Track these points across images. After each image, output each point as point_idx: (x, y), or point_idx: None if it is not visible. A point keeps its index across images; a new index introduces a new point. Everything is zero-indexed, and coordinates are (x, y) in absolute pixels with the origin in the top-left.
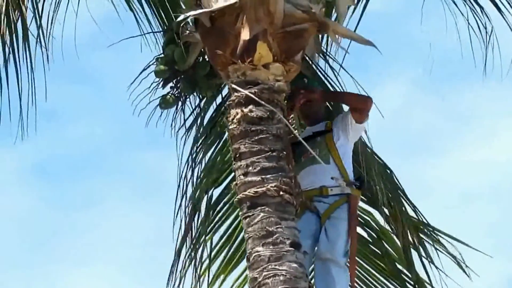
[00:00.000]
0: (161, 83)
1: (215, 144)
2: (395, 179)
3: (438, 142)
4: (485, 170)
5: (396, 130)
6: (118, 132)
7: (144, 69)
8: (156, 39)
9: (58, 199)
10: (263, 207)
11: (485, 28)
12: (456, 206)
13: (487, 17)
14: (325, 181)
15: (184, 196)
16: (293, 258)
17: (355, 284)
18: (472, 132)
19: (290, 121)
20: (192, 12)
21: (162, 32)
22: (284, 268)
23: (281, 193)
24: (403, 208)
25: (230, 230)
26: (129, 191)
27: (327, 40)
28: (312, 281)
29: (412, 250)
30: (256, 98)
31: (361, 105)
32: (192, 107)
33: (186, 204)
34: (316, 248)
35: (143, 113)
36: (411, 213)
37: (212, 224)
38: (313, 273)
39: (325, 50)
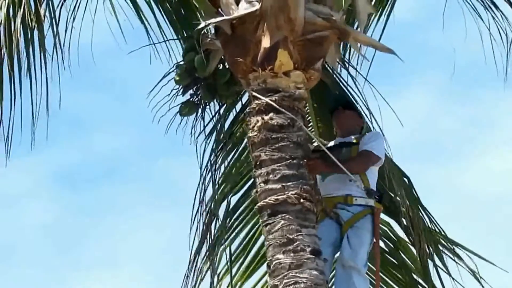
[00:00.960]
0: (181, 90)
1: (233, 151)
2: (413, 189)
3: (462, 149)
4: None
5: (419, 138)
6: (140, 140)
7: (164, 76)
8: (176, 46)
9: (83, 205)
10: (283, 215)
11: (506, 35)
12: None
13: (508, 23)
14: (350, 190)
15: (202, 203)
16: (314, 266)
17: None
18: (496, 139)
19: (310, 129)
20: (213, 20)
21: (182, 40)
22: (304, 276)
23: (301, 200)
24: (421, 219)
25: (248, 238)
26: (151, 197)
27: (349, 49)
28: None
29: (429, 261)
30: (277, 106)
31: (362, 169)
32: (211, 114)
33: (203, 211)
34: (337, 255)
35: (164, 121)
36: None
37: (229, 232)
38: (333, 280)
39: (346, 59)
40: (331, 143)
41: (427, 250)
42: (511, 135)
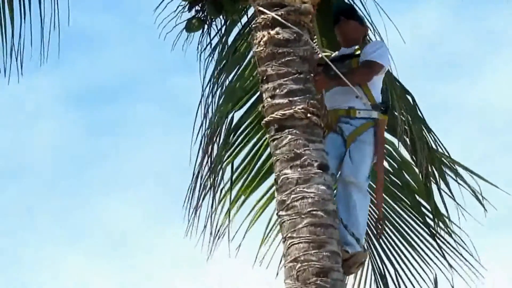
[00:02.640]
0: (187, 6)
1: (237, 67)
2: (417, 107)
3: (474, 66)
4: None
5: (429, 55)
6: (149, 57)
7: None
8: None
9: (92, 125)
10: (290, 129)
11: None
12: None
13: None
14: (353, 102)
15: (205, 119)
16: (321, 180)
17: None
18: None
19: (315, 43)
20: None
21: None
22: (312, 191)
23: (308, 115)
24: (424, 138)
25: (251, 153)
26: (160, 115)
27: None
28: None
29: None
30: (283, 20)
31: (365, 80)
32: (216, 30)
33: (207, 127)
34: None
35: (172, 37)
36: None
37: (232, 148)
38: None
39: None
40: (334, 54)
41: (430, 170)
42: None
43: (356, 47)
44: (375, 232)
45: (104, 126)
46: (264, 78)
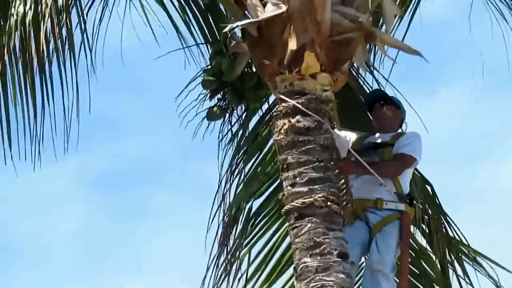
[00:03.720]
0: (209, 94)
1: (256, 155)
2: (436, 196)
3: (493, 152)
4: None
5: (452, 139)
6: (171, 142)
7: (191, 81)
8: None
9: (116, 210)
10: (310, 218)
11: None
12: None
13: None
14: (380, 193)
15: (223, 206)
16: (341, 269)
17: None
18: None
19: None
20: (240, 23)
21: (209, 43)
22: (331, 279)
23: (328, 203)
24: (442, 227)
25: (271, 242)
26: (181, 200)
27: (375, 51)
28: None
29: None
30: (304, 109)
31: (395, 174)
32: (237, 117)
33: (225, 215)
34: (366, 258)
35: (193, 125)
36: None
37: (250, 236)
38: (360, 281)
39: (371, 61)
40: (368, 140)
41: (448, 258)
42: None
43: (392, 134)
44: None
45: (125, 211)
46: (285, 166)
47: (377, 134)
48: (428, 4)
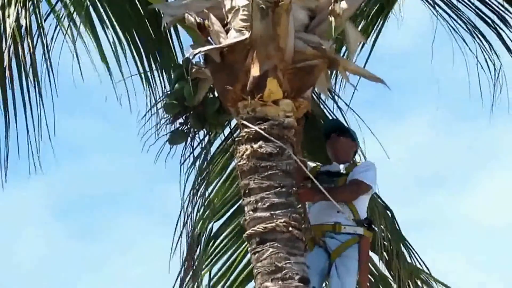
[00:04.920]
0: (171, 119)
1: (218, 178)
2: (396, 223)
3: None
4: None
5: (411, 166)
6: (134, 166)
7: (152, 106)
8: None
9: (77, 232)
10: (272, 243)
11: (494, 65)
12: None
13: (496, 54)
14: (338, 217)
15: (185, 228)
16: None
17: None
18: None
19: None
20: (202, 48)
21: (172, 68)
22: None
23: (290, 228)
24: (402, 253)
25: (229, 263)
26: (144, 222)
27: (336, 79)
28: None
29: None
30: (266, 134)
31: (351, 198)
32: (198, 141)
33: (187, 236)
34: (325, 284)
35: (156, 148)
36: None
37: (211, 257)
38: None
39: (333, 89)
40: (323, 169)
41: (407, 285)
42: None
43: (346, 165)
44: None
45: (88, 233)
46: (247, 191)
47: (332, 164)
48: (391, 32)
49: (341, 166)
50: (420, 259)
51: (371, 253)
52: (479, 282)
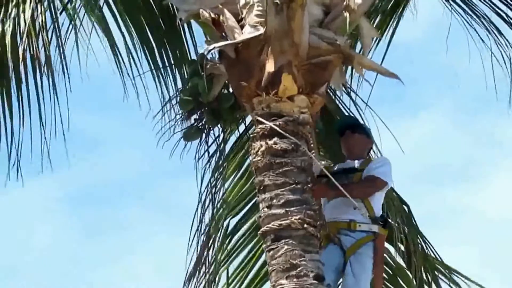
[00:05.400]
0: (185, 115)
1: (234, 175)
2: (412, 216)
3: (469, 172)
4: None
5: (427, 160)
6: (148, 161)
7: (167, 102)
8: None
9: (89, 226)
10: (287, 240)
11: (510, 59)
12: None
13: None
14: (353, 215)
15: (201, 225)
16: None
17: None
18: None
19: (314, 154)
20: (217, 44)
21: (187, 64)
22: None
23: (305, 225)
24: (418, 245)
25: (246, 260)
26: (160, 218)
27: (352, 73)
28: None
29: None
30: (281, 131)
31: (366, 195)
32: (214, 138)
33: (202, 233)
34: (341, 281)
35: (171, 144)
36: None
37: (227, 254)
38: None
39: (349, 84)
40: (337, 167)
41: (424, 276)
42: None
43: (361, 161)
44: None
45: (101, 227)
46: (261, 188)
47: (347, 161)
48: (406, 27)
49: (356, 162)
50: (435, 251)
51: (388, 245)
52: (489, 275)
